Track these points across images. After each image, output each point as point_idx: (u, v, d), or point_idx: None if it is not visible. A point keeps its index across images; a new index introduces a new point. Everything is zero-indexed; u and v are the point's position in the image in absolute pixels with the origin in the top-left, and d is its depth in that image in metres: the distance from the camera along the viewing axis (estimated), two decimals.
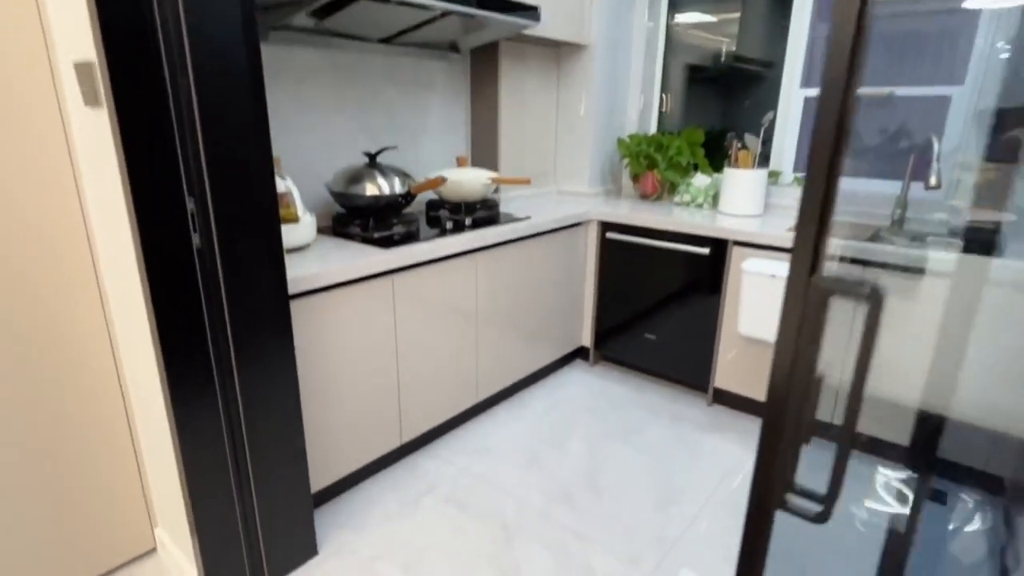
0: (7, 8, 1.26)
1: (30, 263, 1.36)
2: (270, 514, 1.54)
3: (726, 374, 2.48)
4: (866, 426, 1.57)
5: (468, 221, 2.29)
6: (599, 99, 3.01)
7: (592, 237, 2.75)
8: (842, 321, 0.84)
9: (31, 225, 1.35)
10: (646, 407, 2.58)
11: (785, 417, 0.71)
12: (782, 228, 2.31)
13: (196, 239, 1.25)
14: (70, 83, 1.29)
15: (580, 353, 3.03)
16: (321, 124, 2.23)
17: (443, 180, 2.18)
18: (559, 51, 3.02)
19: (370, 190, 2.11)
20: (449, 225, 2.25)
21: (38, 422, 1.43)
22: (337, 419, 1.82)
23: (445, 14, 2.05)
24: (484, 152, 2.85)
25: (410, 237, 2.07)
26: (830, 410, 0.80)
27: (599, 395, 2.68)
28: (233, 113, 1.26)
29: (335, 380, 1.78)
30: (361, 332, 1.83)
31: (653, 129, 3.24)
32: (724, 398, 2.59)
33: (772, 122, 2.71)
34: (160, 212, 1.20)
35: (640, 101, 3.19)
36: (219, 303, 1.32)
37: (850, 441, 0.67)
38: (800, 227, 0.66)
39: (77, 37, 1.21)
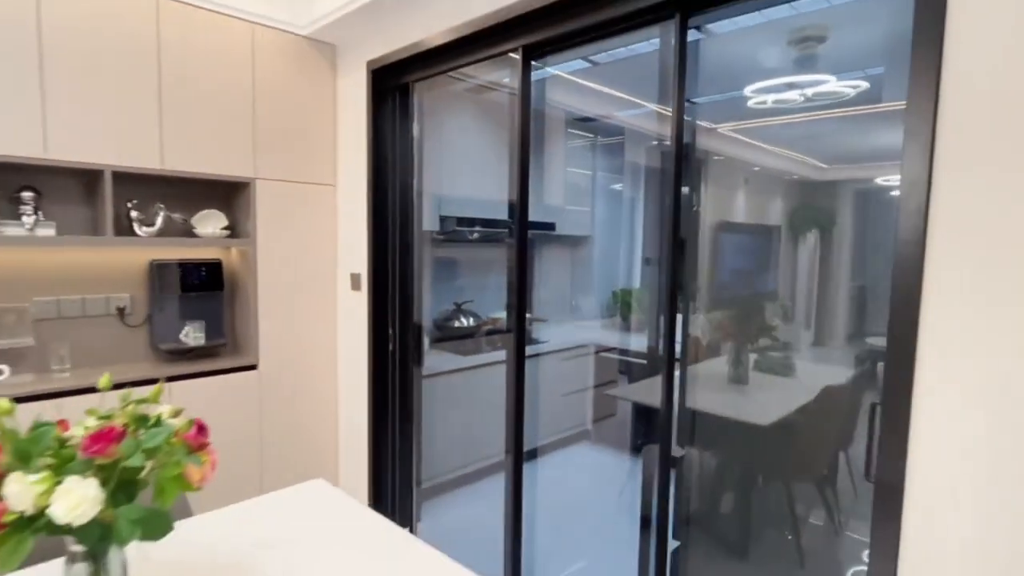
0: (323, 241, 3.03)
1: (309, 354, 3.03)
2: (403, 486, 3.03)
3: None
4: None
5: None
6: (599, 272, 4.69)
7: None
8: None
9: (315, 336, 3.03)
10: None
11: None
12: None
13: (391, 346, 2.90)
14: (343, 279, 3.03)
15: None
16: (438, 289, 3.96)
17: (495, 320, 3.83)
18: (575, 244, 4.77)
19: (456, 323, 3.77)
20: (498, 345, 3.86)
21: (294, 432, 3.02)
22: (433, 441, 3.33)
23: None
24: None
25: (475, 350, 3.68)
26: None
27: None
28: (408, 288, 2.95)
29: (435, 417, 3.32)
30: (450, 400, 3.39)
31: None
32: None
33: None
34: (379, 335, 2.86)
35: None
36: (395, 376, 2.93)
37: None
38: None
39: (353, 260, 2.95)
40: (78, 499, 0.88)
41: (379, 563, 1.30)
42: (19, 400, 1.68)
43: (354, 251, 2.95)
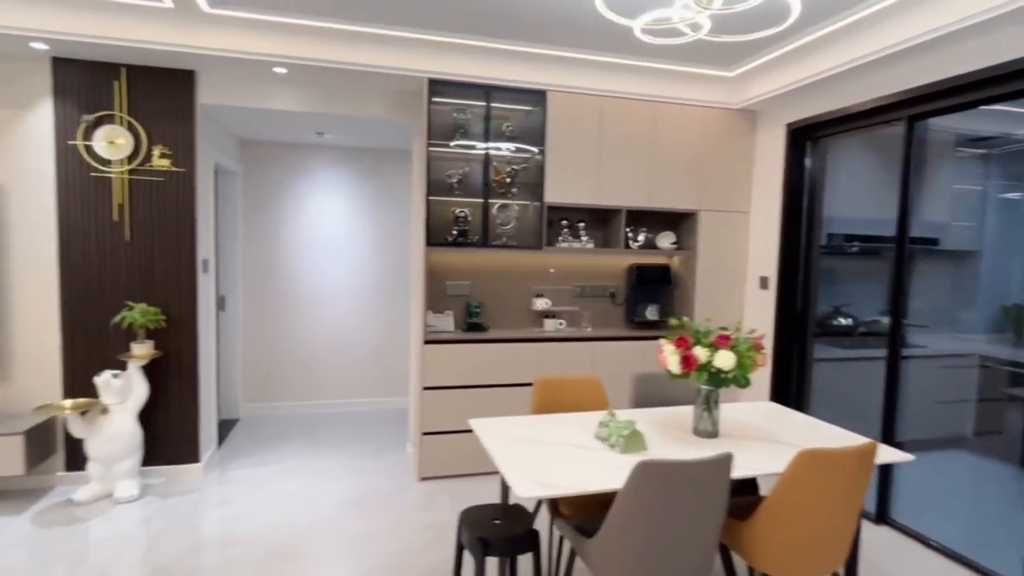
0: (736, 252, 4.19)
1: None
2: None
3: None
4: None
5: None
6: (987, 286, 4.79)
7: None
8: None
9: (729, 320, 4.21)
10: None
11: None
12: None
13: (791, 334, 3.89)
14: (751, 280, 4.14)
15: None
16: (820, 293, 4.77)
17: (870, 323, 4.44)
18: (959, 258, 4.94)
19: (835, 322, 4.52)
20: (871, 345, 4.46)
21: None
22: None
23: None
24: None
25: (850, 347, 4.37)
26: None
27: None
28: (806, 290, 3.88)
29: (820, 398, 4.16)
30: (827, 385, 4.19)
31: None
32: None
33: None
34: (782, 324, 3.88)
35: None
36: (792, 358, 3.89)
37: None
38: None
39: (761, 267, 4.04)
40: (728, 359, 2.17)
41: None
42: (571, 340, 3.38)
43: (762, 260, 4.04)
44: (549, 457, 2.07)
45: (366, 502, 3.38)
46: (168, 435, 3.59)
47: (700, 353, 2.22)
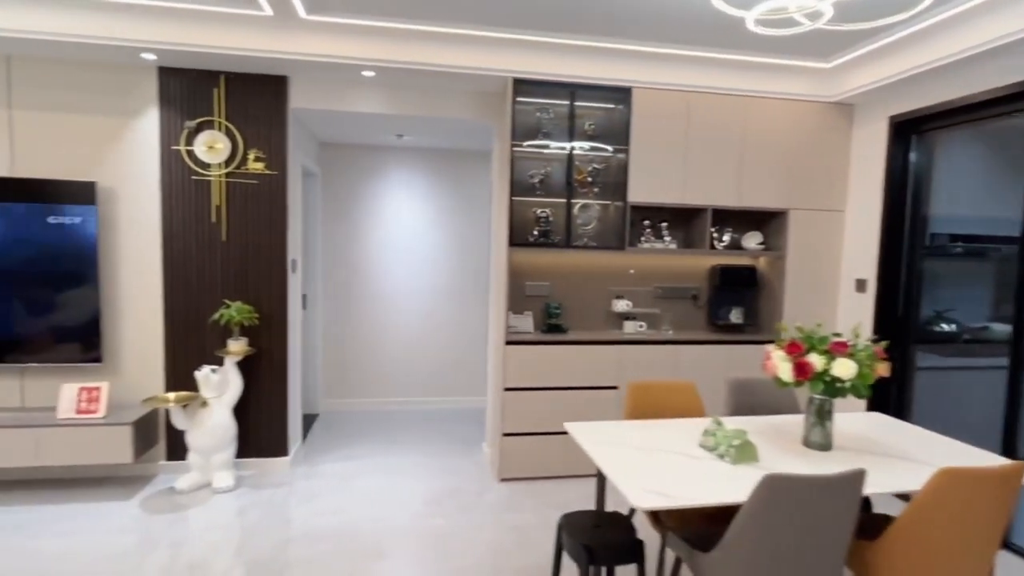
0: (829, 253, 3.98)
1: None
2: None
3: None
4: None
5: None
6: None
7: None
8: None
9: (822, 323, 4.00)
10: None
11: None
12: None
13: (891, 340, 3.66)
14: (845, 283, 3.92)
15: None
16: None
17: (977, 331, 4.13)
18: None
19: (936, 328, 4.22)
20: (979, 353, 4.15)
21: None
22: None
23: None
24: None
25: (954, 354, 4.07)
26: None
27: None
28: (908, 293, 3.64)
29: (922, 408, 3.90)
30: (930, 394, 3.92)
31: None
32: None
33: None
34: (882, 329, 3.65)
35: None
36: (894, 366, 3.67)
37: None
38: None
39: (858, 268, 3.81)
40: (848, 368, 2.04)
41: None
42: (653, 343, 3.28)
43: (859, 261, 3.82)
44: (656, 465, 2.00)
45: (448, 501, 3.40)
46: (259, 429, 3.72)
47: (816, 360, 2.10)
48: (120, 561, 2.68)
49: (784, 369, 2.15)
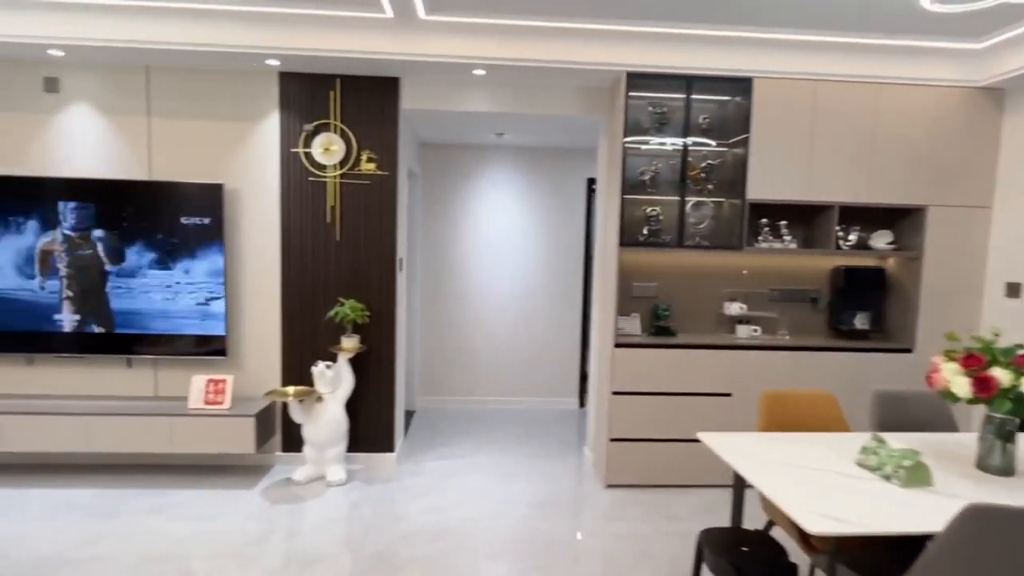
0: (971, 254, 3.60)
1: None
2: None
3: None
4: None
5: None
6: None
7: None
8: None
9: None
10: None
11: None
12: None
13: None
14: (991, 287, 3.53)
15: None
16: None
17: None
18: None
19: None
20: None
21: None
22: None
23: None
24: None
25: None
26: None
27: None
28: None
29: None
30: None
31: None
32: None
33: None
34: None
35: None
36: None
37: None
38: None
39: (1014, 268, 3.43)
40: None
41: None
42: (769, 349, 3.06)
43: (1011, 263, 3.44)
44: (813, 484, 1.84)
45: (554, 505, 3.33)
46: (368, 425, 3.79)
47: (1002, 376, 1.87)
48: (249, 548, 2.79)
49: (959, 384, 1.93)
